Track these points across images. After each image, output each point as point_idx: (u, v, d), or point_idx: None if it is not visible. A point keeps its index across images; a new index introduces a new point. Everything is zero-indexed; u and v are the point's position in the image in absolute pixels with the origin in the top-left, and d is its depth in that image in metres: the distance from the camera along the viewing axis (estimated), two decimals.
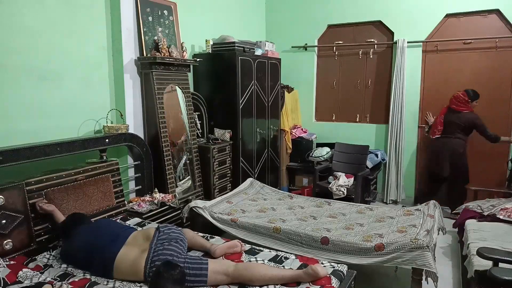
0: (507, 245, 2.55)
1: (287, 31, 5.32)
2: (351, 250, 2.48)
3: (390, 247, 2.39)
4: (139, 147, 3.19)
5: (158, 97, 3.30)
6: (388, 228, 2.75)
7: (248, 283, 1.93)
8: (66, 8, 2.79)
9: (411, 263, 2.33)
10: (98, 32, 3.06)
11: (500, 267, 2.03)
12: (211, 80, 4.06)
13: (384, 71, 4.87)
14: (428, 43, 4.57)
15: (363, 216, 3.06)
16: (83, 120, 2.99)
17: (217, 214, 3.01)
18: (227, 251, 2.26)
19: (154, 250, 2.01)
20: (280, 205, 3.35)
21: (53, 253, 2.27)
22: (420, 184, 4.83)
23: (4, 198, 2.14)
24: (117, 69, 3.19)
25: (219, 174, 3.90)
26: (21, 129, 2.56)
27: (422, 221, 2.79)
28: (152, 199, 3.14)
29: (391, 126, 4.72)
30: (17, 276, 1.93)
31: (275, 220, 2.93)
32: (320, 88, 5.33)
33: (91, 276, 2.02)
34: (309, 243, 2.61)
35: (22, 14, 2.51)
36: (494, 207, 3.24)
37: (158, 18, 3.47)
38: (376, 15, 4.77)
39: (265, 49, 4.54)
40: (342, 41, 5.06)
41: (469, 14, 4.35)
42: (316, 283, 1.93)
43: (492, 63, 4.33)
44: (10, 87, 2.49)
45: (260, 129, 4.45)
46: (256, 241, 2.74)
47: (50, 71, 2.72)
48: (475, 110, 4.14)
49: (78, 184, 2.59)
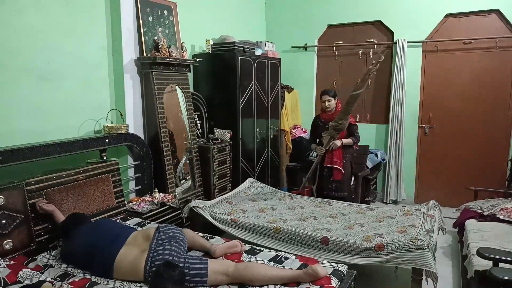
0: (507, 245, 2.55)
1: (287, 31, 5.32)
2: (351, 250, 2.48)
3: (390, 247, 2.39)
4: (139, 147, 3.19)
5: (158, 97, 3.30)
6: (388, 228, 2.75)
7: (248, 283, 1.93)
8: (66, 8, 2.79)
9: (411, 263, 2.33)
10: (98, 32, 3.06)
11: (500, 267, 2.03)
12: (211, 80, 4.06)
13: (384, 71, 4.87)
14: (428, 43, 4.57)
15: (363, 216, 3.06)
16: (83, 120, 2.99)
17: (217, 214, 3.01)
18: (227, 251, 2.26)
19: (154, 250, 2.01)
20: (280, 205, 3.35)
21: (53, 253, 2.27)
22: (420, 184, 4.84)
23: (4, 198, 2.14)
24: (117, 69, 3.19)
25: (219, 174, 3.90)
26: (21, 129, 2.56)
27: (422, 221, 2.79)
28: (152, 199, 3.14)
29: (391, 126, 4.72)
30: (17, 276, 1.94)
31: (275, 220, 2.93)
32: (320, 88, 5.30)
33: (91, 276, 2.02)
34: (309, 243, 2.61)
35: (22, 14, 2.51)
36: (494, 207, 3.25)
37: (158, 18, 3.47)
38: (376, 15, 4.77)
39: (265, 49, 4.54)
40: (342, 41, 5.05)
41: (469, 14, 4.35)
42: (316, 283, 1.93)
43: (492, 63, 4.32)
44: (10, 87, 2.49)
45: (260, 129, 4.45)
46: (256, 241, 2.74)
47: (50, 71, 2.72)
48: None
49: (78, 184, 2.59)
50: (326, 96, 3.59)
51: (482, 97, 4.40)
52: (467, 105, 4.49)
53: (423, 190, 4.81)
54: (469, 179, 4.32)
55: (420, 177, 4.84)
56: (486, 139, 4.45)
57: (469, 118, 4.50)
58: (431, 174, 4.79)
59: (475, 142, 4.49)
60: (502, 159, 4.35)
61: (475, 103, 4.45)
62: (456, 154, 4.60)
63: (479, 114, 4.43)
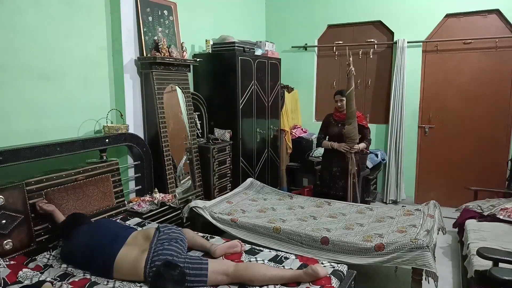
0: (507, 245, 2.55)
1: (287, 31, 5.32)
2: (351, 250, 2.48)
3: (390, 247, 2.39)
4: (139, 147, 3.19)
5: (158, 97, 3.30)
6: (388, 228, 2.75)
7: (248, 283, 1.93)
8: (66, 8, 2.79)
9: (411, 263, 2.33)
10: (98, 32, 3.06)
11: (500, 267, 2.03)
12: (211, 80, 4.06)
13: (384, 71, 4.87)
14: (428, 43, 4.57)
15: (363, 216, 3.06)
16: (83, 120, 2.99)
17: (217, 214, 3.01)
18: (227, 251, 2.26)
19: (154, 250, 2.01)
20: (280, 205, 3.35)
21: (53, 253, 2.26)
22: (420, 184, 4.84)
23: (4, 198, 2.14)
24: (117, 69, 3.19)
25: (219, 174, 3.90)
26: (21, 129, 2.56)
27: (422, 221, 2.79)
28: (152, 199, 3.14)
29: (391, 126, 4.72)
30: (17, 276, 1.93)
31: (275, 220, 2.93)
32: (320, 88, 5.32)
33: (91, 276, 2.01)
34: (309, 243, 2.61)
35: (22, 14, 2.51)
36: (494, 207, 3.25)
37: (158, 18, 3.47)
38: (376, 15, 4.77)
39: (265, 49, 4.54)
40: (342, 41, 5.05)
41: (469, 14, 4.35)
42: (316, 283, 1.93)
43: (492, 63, 4.33)
44: (10, 87, 2.49)
45: (260, 129, 4.45)
46: (256, 241, 2.74)
47: (50, 71, 2.72)
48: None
49: (78, 184, 2.59)
50: (339, 96, 3.69)
51: (482, 97, 4.40)
52: (467, 105, 4.49)
53: (423, 190, 4.81)
54: (469, 179, 4.32)
55: (420, 177, 4.84)
56: (486, 139, 4.45)
57: (469, 118, 4.50)
58: (431, 174, 4.79)
59: (475, 142, 4.49)
60: (502, 159, 4.35)
61: (475, 103, 4.45)
62: (456, 154, 4.60)
63: (479, 114, 4.43)
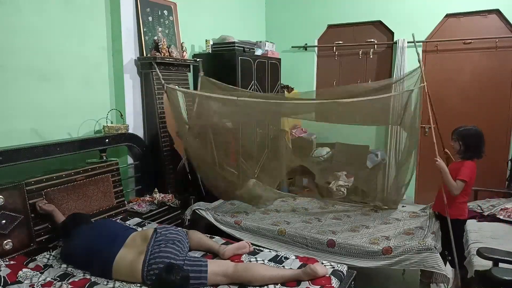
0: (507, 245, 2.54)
1: (287, 31, 5.31)
2: (358, 253, 2.45)
3: (398, 250, 2.38)
4: (139, 147, 3.19)
5: (158, 97, 3.30)
6: (395, 230, 2.74)
7: (248, 283, 1.93)
8: (66, 8, 2.79)
9: (420, 265, 2.32)
10: (98, 32, 3.06)
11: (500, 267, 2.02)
12: None
13: (384, 71, 4.86)
14: (428, 43, 4.56)
15: (368, 218, 3.04)
16: (83, 120, 2.99)
17: (220, 216, 2.99)
18: (236, 252, 2.25)
19: (151, 252, 2.00)
20: (283, 206, 3.34)
21: (53, 253, 2.26)
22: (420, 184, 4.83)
23: (4, 198, 2.14)
24: (117, 69, 3.19)
25: None
26: (21, 129, 2.56)
27: (429, 222, 2.79)
28: (152, 199, 3.14)
29: (391, 126, 4.71)
30: (17, 276, 1.93)
31: (279, 222, 2.91)
32: (320, 88, 5.30)
33: (91, 276, 2.01)
34: (315, 246, 2.58)
35: (22, 14, 2.51)
36: (494, 207, 3.24)
37: (158, 18, 3.47)
38: (376, 15, 4.77)
39: (265, 49, 4.53)
40: (342, 41, 5.05)
41: (469, 14, 4.34)
42: (316, 283, 1.93)
43: (492, 63, 4.32)
44: (10, 87, 2.49)
45: (260, 129, 4.44)
46: (261, 243, 2.69)
47: (50, 71, 2.72)
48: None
49: (78, 184, 2.59)
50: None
51: (482, 97, 4.39)
52: (467, 105, 4.48)
53: (423, 190, 4.81)
54: None
55: (420, 177, 4.83)
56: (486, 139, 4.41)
57: (469, 118, 4.47)
58: (431, 174, 4.78)
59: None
60: (502, 159, 4.34)
61: (475, 103, 4.44)
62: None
63: (479, 114, 4.42)
